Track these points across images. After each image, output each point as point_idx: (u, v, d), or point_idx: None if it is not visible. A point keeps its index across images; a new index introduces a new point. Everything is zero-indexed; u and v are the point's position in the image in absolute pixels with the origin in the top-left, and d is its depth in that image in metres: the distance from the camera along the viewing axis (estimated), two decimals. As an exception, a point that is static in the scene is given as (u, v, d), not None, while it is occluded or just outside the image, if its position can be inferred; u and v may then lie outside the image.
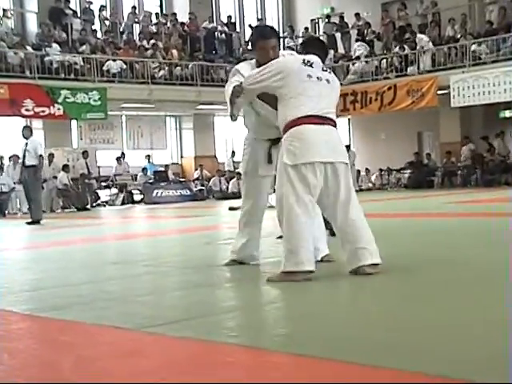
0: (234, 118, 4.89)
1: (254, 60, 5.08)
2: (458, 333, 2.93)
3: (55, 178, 20.04)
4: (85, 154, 21.09)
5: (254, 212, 5.27)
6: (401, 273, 4.58)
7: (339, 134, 4.72)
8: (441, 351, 2.62)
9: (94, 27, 23.89)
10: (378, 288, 4.18)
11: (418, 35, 23.35)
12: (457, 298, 3.70)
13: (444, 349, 2.66)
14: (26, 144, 13.54)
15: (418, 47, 22.98)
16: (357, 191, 4.99)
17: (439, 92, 21.78)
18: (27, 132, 13.79)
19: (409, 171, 24.02)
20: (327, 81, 4.64)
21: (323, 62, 4.81)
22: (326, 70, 4.73)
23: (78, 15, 23.69)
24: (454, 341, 2.80)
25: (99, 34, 23.86)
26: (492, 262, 4.90)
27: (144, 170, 22.99)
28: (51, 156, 20.23)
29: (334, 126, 4.61)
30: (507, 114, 23.15)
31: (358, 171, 23.52)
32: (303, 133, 4.44)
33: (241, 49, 27.29)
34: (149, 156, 24.16)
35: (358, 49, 25.29)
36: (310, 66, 4.61)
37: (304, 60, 4.65)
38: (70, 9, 23.39)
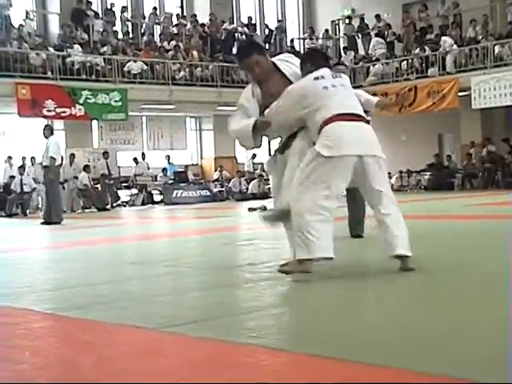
0: (259, 146, 5.03)
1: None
2: (464, 334, 2.94)
3: (76, 178, 20.17)
4: (105, 154, 21.21)
5: None
6: (416, 274, 4.58)
7: (372, 129, 4.78)
8: (447, 351, 2.63)
9: (115, 28, 24.01)
10: (392, 289, 4.18)
11: (443, 38, 23.18)
12: (467, 300, 3.71)
13: (451, 349, 2.67)
14: (46, 144, 13.69)
15: (441, 49, 22.85)
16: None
17: (460, 94, 21.66)
18: (47, 132, 13.89)
19: (429, 173, 23.91)
20: (342, 85, 4.76)
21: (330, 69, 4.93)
22: (336, 77, 4.79)
23: (100, 16, 23.83)
24: (460, 341, 2.81)
25: (120, 35, 23.96)
26: (508, 265, 4.88)
27: (164, 170, 23.07)
28: (72, 156, 20.37)
29: (366, 122, 4.72)
30: (529, 116, 22.97)
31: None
32: (336, 128, 4.53)
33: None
34: (168, 156, 24.22)
35: (379, 47, 25.14)
36: (322, 78, 4.72)
37: (315, 77, 4.73)
38: (92, 10, 23.53)
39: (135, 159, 22.71)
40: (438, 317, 3.31)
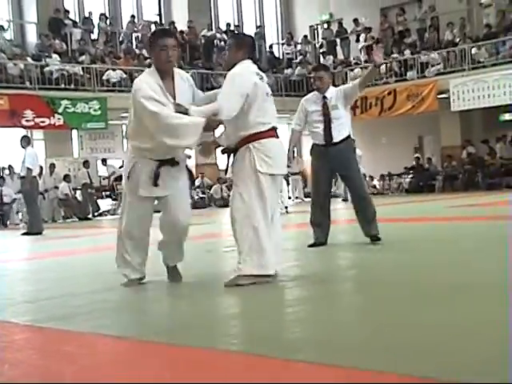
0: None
1: (152, 68, 4.80)
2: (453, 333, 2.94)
3: (56, 188, 20.04)
4: (86, 163, 21.09)
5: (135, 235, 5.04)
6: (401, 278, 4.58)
7: None
8: (440, 353, 2.63)
9: (93, 37, 23.93)
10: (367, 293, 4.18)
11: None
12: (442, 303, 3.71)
13: (444, 350, 2.67)
14: (24, 155, 13.59)
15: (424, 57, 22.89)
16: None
17: (439, 96, 21.80)
18: (24, 142, 13.77)
19: (410, 176, 24.01)
20: (269, 95, 4.88)
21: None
22: (263, 79, 4.89)
23: (78, 25, 23.73)
24: (453, 341, 2.80)
25: (98, 44, 23.87)
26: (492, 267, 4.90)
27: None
28: (52, 166, 20.26)
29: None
30: (507, 117, 23.15)
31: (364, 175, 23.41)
32: (272, 145, 4.77)
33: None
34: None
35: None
36: (261, 79, 4.82)
37: (258, 74, 4.82)
38: (70, 19, 23.44)
39: (104, 160, 22.22)
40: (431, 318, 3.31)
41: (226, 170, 5.02)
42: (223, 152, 4.95)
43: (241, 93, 4.64)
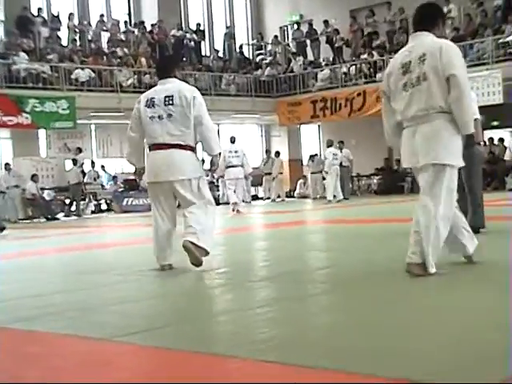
0: None
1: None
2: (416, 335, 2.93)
3: (17, 186, 19.57)
4: (75, 161, 20.79)
5: None
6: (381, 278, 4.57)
7: (183, 153, 5.49)
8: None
9: (61, 35, 23.68)
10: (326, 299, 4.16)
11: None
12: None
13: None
14: None
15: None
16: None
17: (408, 98, 21.90)
18: None
19: (378, 177, 24.10)
20: (169, 116, 5.40)
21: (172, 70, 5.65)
22: (170, 102, 5.38)
23: (46, 23, 23.46)
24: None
25: (67, 43, 23.63)
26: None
27: (114, 178, 22.78)
28: (7, 165, 19.72)
29: (180, 147, 5.46)
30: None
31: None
32: (150, 157, 5.62)
33: (211, 56, 27.28)
34: (103, 166, 23.55)
35: None
36: (152, 105, 5.42)
37: (147, 101, 5.48)
38: (40, 17, 23.15)
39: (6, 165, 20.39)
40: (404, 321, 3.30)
41: None
42: None
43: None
